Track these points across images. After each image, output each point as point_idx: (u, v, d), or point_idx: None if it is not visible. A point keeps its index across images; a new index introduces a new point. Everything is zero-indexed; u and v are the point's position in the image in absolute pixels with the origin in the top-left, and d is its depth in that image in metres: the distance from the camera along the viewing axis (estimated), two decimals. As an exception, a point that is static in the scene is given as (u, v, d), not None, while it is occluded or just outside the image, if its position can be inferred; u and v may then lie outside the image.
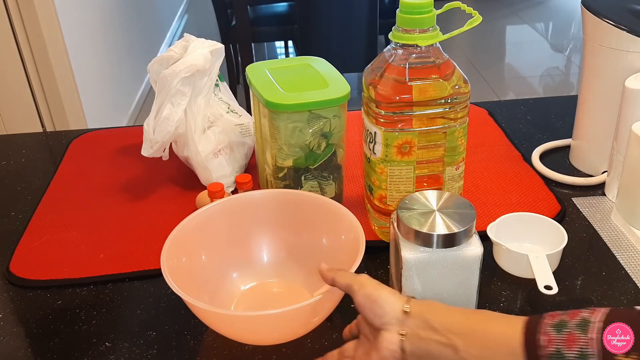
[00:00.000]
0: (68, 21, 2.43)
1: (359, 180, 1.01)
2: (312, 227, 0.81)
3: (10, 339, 0.76)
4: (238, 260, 0.82)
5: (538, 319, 0.55)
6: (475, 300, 0.71)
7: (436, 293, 0.69)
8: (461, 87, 0.77)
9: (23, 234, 0.93)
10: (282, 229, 0.83)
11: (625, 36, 0.88)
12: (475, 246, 0.68)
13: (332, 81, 0.88)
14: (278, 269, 0.83)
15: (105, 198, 1.02)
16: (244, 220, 0.82)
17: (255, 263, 0.83)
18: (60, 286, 0.83)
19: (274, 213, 0.82)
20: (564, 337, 0.52)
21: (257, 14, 3.16)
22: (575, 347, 0.51)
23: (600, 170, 1.00)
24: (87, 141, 1.20)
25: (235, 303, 0.79)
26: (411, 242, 0.68)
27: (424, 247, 0.67)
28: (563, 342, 0.52)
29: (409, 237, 0.68)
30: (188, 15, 4.98)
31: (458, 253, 0.67)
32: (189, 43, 0.97)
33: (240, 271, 0.82)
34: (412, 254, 0.67)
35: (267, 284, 0.82)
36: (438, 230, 0.66)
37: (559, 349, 0.52)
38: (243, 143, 1.03)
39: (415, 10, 0.75)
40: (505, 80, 3.78)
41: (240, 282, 0.81)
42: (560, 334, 0.52)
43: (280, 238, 0.83)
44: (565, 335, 0.52)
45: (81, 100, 2.51)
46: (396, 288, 0.73)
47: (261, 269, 0.83)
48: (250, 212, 0.82)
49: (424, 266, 0.68)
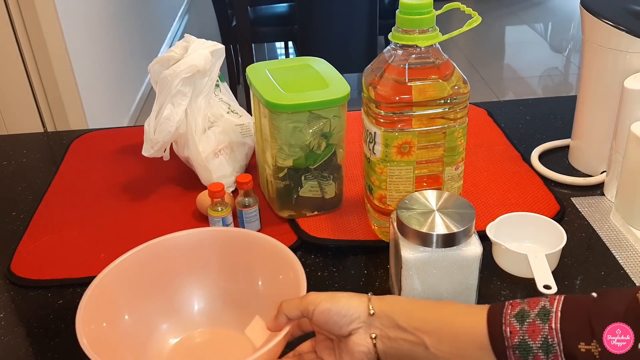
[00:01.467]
0: (69, 21, 2.43)
1: (359, 180, 1.02)
2: (245, 268, 0.75)
3: (11, 338, 0.76)
4: (166, 311, 0.74)
5: (500, 309, 0.56)
6: (475, 299, 0.71)
7: (436, 292, 0.69)
8: (460, 88, 0.78)
9: (24, 233, 0.93)
10: (212, 272, 0.76)
11: (625, 37, 0.88)
12: (474, 246, 0.68)
13: (332, 81, 0.88)
14: (210, 316, 0.75)
15: (106, 198, 1.02)
16: (167, 266, 0.75)
17: (185, 313, 0.75)
18: (61, 286, 0.83)
19: (201, 255, 0.76)
20: (527, 328, 0.53)
21: (257, 15, 3.16)
22: (539, 337, 0.52)
23: (599, 170, 1.01)
24: (88, 141, 1.21)
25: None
26: (411, 242, 0.68)
27: (424, 246, 0.67)
28: (527, 333, 0.53)
29: (409, 237, 0.68)
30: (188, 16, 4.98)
31: (457, 253, 0.68)
32: (190, 43, 0.98)
33: (170, 322, 0.74)
34: (411, 253, 0.68)
35: (200, 333, 0.74)
36: (437, 230, 0.67)
37: (524, 339, 0.53)
38: (243, 143, 1.03)
39: (414, 11, 0.75)
40: (504, 80, 3.78)
41: (170, 334, 0.73)
42: (523, 325, 0.53)
43: (210, 282, 0.76)
44: (528, 326, 0.53)
45: (82, 100, 2.52)
46: (396, 288, 0.73)
47: (192, 318, 0.75)
48: (174, 256, 0.75)
49: (424, 266, 0.68)
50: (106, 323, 0.68)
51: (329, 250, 0.88)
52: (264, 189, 0.99)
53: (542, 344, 0.52)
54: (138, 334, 0.71)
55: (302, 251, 0.88)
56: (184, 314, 0.75)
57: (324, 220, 0.93)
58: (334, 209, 0.95)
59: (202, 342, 0.73)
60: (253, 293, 0.75)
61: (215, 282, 0.76)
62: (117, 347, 0.67)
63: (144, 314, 0.72)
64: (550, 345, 0.52)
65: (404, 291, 0.70)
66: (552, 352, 0.52)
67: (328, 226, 0.91)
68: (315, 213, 0.94)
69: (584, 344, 0.50)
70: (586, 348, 0.50)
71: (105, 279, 0.69)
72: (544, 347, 0.52)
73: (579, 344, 0.51)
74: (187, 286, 0.76)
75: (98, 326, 0.66)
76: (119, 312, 0.71)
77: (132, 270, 0.72)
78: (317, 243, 0.89)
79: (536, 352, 0.52)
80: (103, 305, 0.68)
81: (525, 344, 0.53)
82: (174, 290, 0.75)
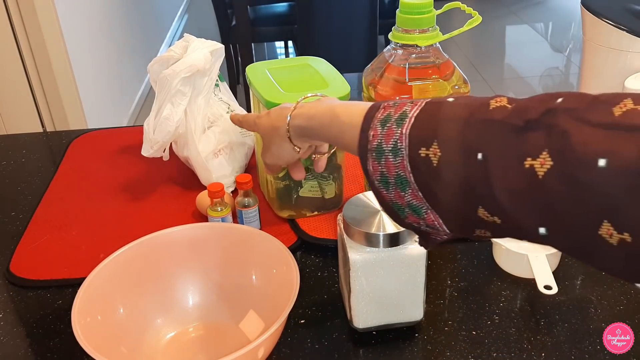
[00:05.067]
0: (68, 21, 2.43)
1: (359, 180, 1.01)
2: (239, 262, 0.76)
3: (10, 338, 0.76)
4: (160, 305, 0.75)
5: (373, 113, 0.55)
6: (422, 296, 0.72)
7: (384, 292, 0.70)
8: (461, 87, 0.78)
9: (23, 233, 0.93)
10: (207, 267, 0.77)
11: (625, 36, 0.88)
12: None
13: (332, 81, 0.88)
14: (205, 311, 0.76)
15: (106, 198, 1.02)
16: (162, 262, 0.75)
17: (179, 307, 0.76)
18: (61, 286, 0.83)
19: (196, 250, 0.76)
20: (385, 132, 0.52)
21: (257, 14, 3.16)
22: (391, 141, 0.51)
23: (600, 170, 1.00)
24: (87, 141, 1.20)
25: (161, 355, 0.71)
26: (357, 243, 0.68)
27: (370, 247, 0.68)
28: (383, 136, 0.52)
29: (355, 238, 0.68)
30: (188, 15, 4.98)
31: (403, 252, 0.68)
32: (189, 43, 0.97)
33: (165, 317, 0.74)
34: (358, 254, 0.68)
35: (195, 328, 0.75)
36: (383, 230, 0.67)
37: (380, 142, 0.52)
38: (243, 143, 1.03)
39: (415, 10, 0.75)
40: (505, 80, 3.78)
41: (165, 328, 0.74)
42: (383, 129, 0.53)
43: (205, 277, 0.77)
44: (387, 130, 0.52)
45: (81, 100, 2.51)
46: (345, 289, 0.74)
47: (187, 312, 0.76)
48: (168, 252, 0.76)
49: (371, 266, 0.68)
50: (101, 316, 0.68)
51: (329, 250, 0.88)
52: (263, 189, 0.98)
53: (392, 147, 0.51)
54: (133, 327, 0.72)
55: (302, 251, 0.88)
56: (179, 308, 0.76)
57: (324, 220, 0.93)
58: (334, 209, 0.94)
59: (197, 336, 0.74)
60: (247, 287, 0.75)
61: (210, 276, 0.77)
62: (113, 341, 0.68)
63: (139, 308, 0.73)
64: (399, 149, 0.51)
65: (354, 292, 0.70)
66: (399, 155, 0.51)
67: (328, 226, 0.91)
68: (315, 213, 0.93)
69: (425, 148, 0.49)
70: (425, 153, 0.49)
71: (101, 273, 0.70)
72: (393, 150, 0.51)
73: (420, 149, 0.49)
74: (182, 281, 0.77)
75: (93, 319, 0.67)
76: (114, 306, 0.71)
77: (127, 264, 0.73)
78: (317, 243, 0.88)
79: (387, 154, 0.51)
80: (99, 299, 0.69)
81: (380, 147, 0.52)
82: (169, 285, 0.76)
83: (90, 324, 0.65)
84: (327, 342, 0.73)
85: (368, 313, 0.71)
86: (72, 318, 0.63)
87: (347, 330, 0.74)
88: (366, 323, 0.72)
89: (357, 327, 0.73)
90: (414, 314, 0.73)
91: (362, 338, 0.73)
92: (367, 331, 0.73)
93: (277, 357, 0.71)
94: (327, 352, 0.72)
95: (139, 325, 0.72)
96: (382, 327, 0.73)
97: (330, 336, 0.74)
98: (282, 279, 0.69)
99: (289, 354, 0.72)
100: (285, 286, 0.67)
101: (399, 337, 0.73)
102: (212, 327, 0.75)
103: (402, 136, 0.50)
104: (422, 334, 0.73)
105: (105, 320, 0.69)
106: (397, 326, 0.73)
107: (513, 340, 0.72)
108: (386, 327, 0.73)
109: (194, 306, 0.76)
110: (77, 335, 0.61)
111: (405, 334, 0.73)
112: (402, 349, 0.72)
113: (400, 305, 0.70)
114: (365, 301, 0.71)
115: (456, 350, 0.71)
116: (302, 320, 0.76)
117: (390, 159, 0.51)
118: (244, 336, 0.72)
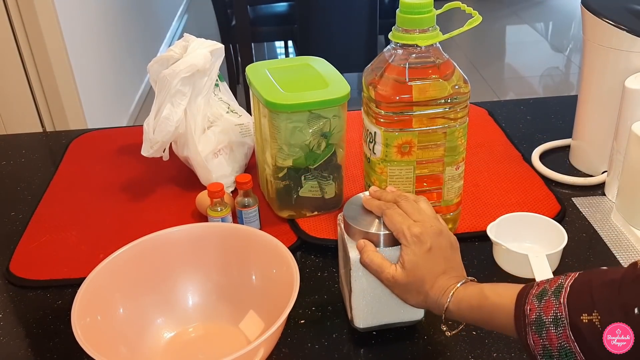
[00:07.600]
0: (68, 21, 2.42)
1: (359, 180, 1.01)
2: (239, 262, 0.76)
3: (10, 339, 0.76)
4: (160, 306, 0.75)
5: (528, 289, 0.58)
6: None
7: (385, 291, 0.70)
8: (461, 87, 0.77)
9: (23, 234, 0.93)
10: (206, 267, 0.76)
11: (625, 36, 0.88)
12: None
13: (332, 81, 0.88)
14: (205, 311, 0.76)
15: (105, 198, 1.02)
16: (162, 262, 0.75)
17: (179, 307, 0.76)
18: (60, 286, 0.83)
19: (196, 250, 0.76)
20: (544, 305, 0.55)
21: (257, 14, 3.16)
22: (550, 313, 0.54)
23: (600, 170, 1.00)
24: (87, 141, 1.20)
25: (160, 355, 0.71)
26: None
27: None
28: (542, 309, 0.55)
29: (356, 238, 0.68)
30: (188, 15, 4.98)
31: None
32: (189, 43, 0.97)
33: (165, 317, 0.74)
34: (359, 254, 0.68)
35: (195, 328, 0.75)
36: (384, 230, 0.67)
37: (539, 315, 0.55)
38: (243, 143, 1.03)
39: (415, 10, 0.75)
40: (505, 80, 3.78)
41: (164, 328, 0.74)
42: (541, 303, 0.55)
43: (205, 277, 0.77)
44: (544, 303, 0.55)
45: (81, 100, 2.51)
46: (345, 289, 0.74)
47: (186, 312, 0.76)
48: (168, 252, 0.75)
49: None
50: (101, 316, 0.68)
51: (329, 250, 0.87)
52: (263, 189, 0.98)
53: (553, 318, 0.54)
54: (133, 328, 0.72)
55: (302, 251, 0.88)
56: (179, 308, 0.76)
57: (324, 220, 0.92)
58: (334, 209, 0.94)
59: (197, 337, 0.74)
60: (247, 287, 0.75)
61: (210, 276, 0.77)
62: (112, 341, 0.68)
63: (139, 309, 0.73)
64: (559, 319, 0.53)
65: (354, 292, 0.70)
66: (560, 325, 0.53)
67: (328, 226, 0.91)
68: (315, 213, 0.93)
69: (586, 314, 0.51)
70: (588, 319, 0.51)
71: (101, 273, 0.70)
72: (554, 321, 0.53)
73: (582, 315, 0.52)
74: (182, 281, 0.77)
75: (93, 319, 0.67)
76: (114, 306, 0.71)
77: (127, 264, 0.73)
78: (317, 243, 0.88)
79: (548, 326, 0.54)
80: (98, 299, 0.69)
81: (540, 320, 0.55)
82: (168, 285, 0.76)
83: (90, 324, 0.65)
84: (327, 342, 0.73)
85: (369, 312, 0.71)
86: (72, 318, 0.63)
87: (347, 330, 0.74)
88: (367, 323, 0.72)
89: (358, 327, 0.73)
90: (415, 314, 0.73)
91: (362, 338, 0.73)
92: (368, 331, 0.73)
93: (277, 357, 0.71)
94: (327, 352, 0.72)
95: (139, 325, 0.72)
96: (382, 327, 0.73)
97: (330, 336, 0.74)
98: (282, 279, 0.69)
99: (289, 354, 0.72)
100: (285, 286, 0.67)
101: (399, 337, 0.73)
102: (212, 327, 0.75)
103: (562, 306, 0.53)
104: (423, 334, 0.73)
105: (105, 320, 0.69)
106: (397, 326, 0.73)
107: (513, 340, 0.72)
108: (387, 326, 0.73)
109: (194, 306, 0.76)
110: (76, 335, 0.61)
111: (405, 334, 0.73)
112: (402, 349, 0.72)
113: (401, 305, 0.70)
114: (366, 301, 0.70)
115: (456, 350, 0.71)
116: (302, 320, 0.76)
117: (551, 330, 0.53)
118: (244, 336, 0.72)
